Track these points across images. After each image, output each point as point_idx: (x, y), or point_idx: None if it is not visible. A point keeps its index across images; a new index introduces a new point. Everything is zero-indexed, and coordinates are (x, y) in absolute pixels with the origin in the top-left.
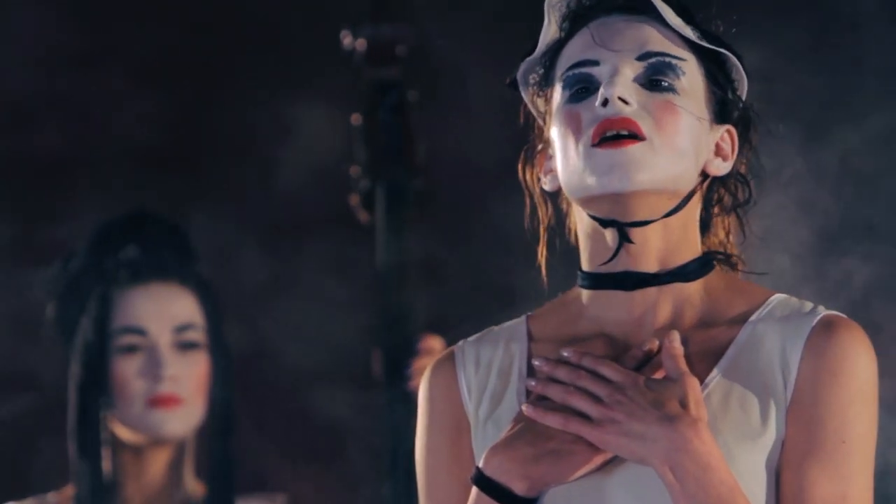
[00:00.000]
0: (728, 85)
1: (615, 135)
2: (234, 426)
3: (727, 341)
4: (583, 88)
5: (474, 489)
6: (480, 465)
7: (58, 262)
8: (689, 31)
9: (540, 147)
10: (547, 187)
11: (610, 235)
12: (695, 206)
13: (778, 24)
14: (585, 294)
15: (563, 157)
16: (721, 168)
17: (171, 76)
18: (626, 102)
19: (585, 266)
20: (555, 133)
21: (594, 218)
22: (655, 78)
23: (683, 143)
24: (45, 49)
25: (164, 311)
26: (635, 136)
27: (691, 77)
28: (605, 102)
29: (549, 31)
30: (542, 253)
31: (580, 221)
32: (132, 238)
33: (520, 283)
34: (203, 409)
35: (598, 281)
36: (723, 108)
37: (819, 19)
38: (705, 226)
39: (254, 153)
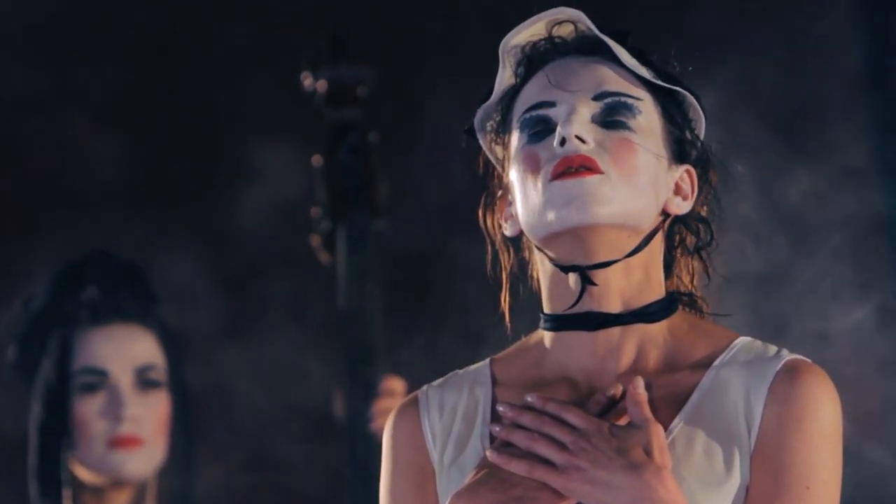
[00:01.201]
0: (685, 124)
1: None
2: (195, 466)
3: (691, 386)
4: (540, 130)
5: None
6: None
7: (18, 304)
8: (644, 71)
9: (500, 193)
10: (508, 233)
11: (572, 279)
12: (657, 247)
13: (739, 64)
14: (548, 337)
15: (523, 197)
16: (681, 207)
17: (133, 118)
18: (583, 141)
19: (547, 309)
20: (514, 175)
21: (556, 265)
22: (612, 118)
23: (641, 178)
24: (6, 91)
25: (125, 352)
26: (593, 171)
27: (648, 116)
28: (562, 142)
29: (505, 76)
30: (504, 298)
31: (542, 265)
32: (92, 279)
33: (483, 325)
34: (164, 450)
35: (560, 322)
36: (681, 148)
37: (780, 59)
38: (669, 268)
39: (215, 194)
